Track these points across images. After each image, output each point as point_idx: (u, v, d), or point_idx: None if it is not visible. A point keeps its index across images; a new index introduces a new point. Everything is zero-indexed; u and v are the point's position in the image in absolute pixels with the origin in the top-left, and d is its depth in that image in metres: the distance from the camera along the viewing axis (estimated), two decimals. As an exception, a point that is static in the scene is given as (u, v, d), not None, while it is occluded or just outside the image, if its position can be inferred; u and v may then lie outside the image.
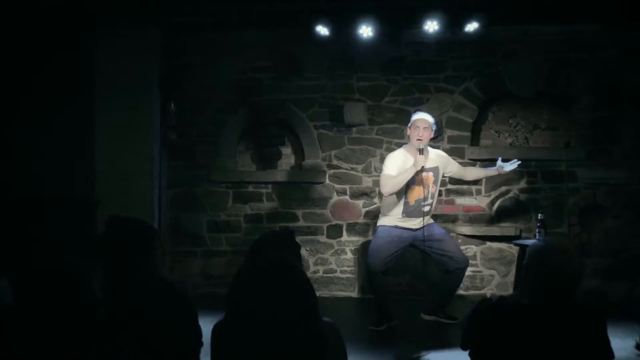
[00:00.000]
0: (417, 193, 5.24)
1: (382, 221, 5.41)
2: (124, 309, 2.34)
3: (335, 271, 6.71)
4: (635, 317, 4.72)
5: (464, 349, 2.45)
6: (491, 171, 5.59)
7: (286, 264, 2.00)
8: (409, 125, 5.32)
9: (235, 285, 1.97)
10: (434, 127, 5.35)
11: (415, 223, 5.29)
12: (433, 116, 5.42)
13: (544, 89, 6.54)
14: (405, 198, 5.26)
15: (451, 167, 5.53)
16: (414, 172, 5.13)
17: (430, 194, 5.31)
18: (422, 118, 5.28)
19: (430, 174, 5.32)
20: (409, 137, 5.35)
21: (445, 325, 5.38)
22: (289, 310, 1.89)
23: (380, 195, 6.70)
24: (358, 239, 6.72)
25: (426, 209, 5.28)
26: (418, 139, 5.19)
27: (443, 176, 5.51)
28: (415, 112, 5.53)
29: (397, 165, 5.23)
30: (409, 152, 5.29)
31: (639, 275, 6.04)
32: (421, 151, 5.13)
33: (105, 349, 1.97)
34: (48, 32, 5.95)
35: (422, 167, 5.13)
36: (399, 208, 5.28)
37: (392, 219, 5.32)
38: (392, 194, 5.22)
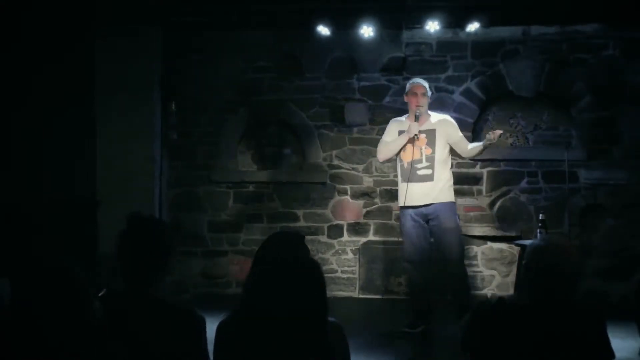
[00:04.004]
0: (408, 154, 5.13)
1: (399, 200, 5.25)
2: (124, 313, 2.33)
3: (336, 271, 6.71)
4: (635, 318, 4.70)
5: (464, 350, 2.45)
6: (485, 141, 5.22)
7: (309, 261, 2.02)
8: (406, 92, 5.29)
9: (256, 280, 1.98)
10: (429, 93, 5.30)
11: (415, 191, 5.07)
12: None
13: (544, 89, 6.54)
14: (400, 161, 5.21)
15: (453, 137, 5.23)
16: (407, 139, 5.08)
17: (424, 157, 5.11)
18: (420, 84, 5.22)
19: (423, 135, 5.12)
20: (407, 103, 5.29)
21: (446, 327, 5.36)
22: (303, 307, 1.90)
23: (381, 194, 6.73)
24: (359, 239, 6.72)
25: (422, 172, 5.09)
26: (418, 105, 5.14)
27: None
28: (410, 79, 5.47)
29: (395, 132, 5.23)
30: (409, 119, 5.26)
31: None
32: (416, 118, 5.12)
33: (101, 350, 1.97)
34: (48, 32, 5.95)
35: (415, 134, 5.05)
36: (398, 173, 5.25)
37: (399, 194, 5.20)
38: (385, 160, 5.36)
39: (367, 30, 6.22)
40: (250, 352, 1.95)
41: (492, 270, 6.60)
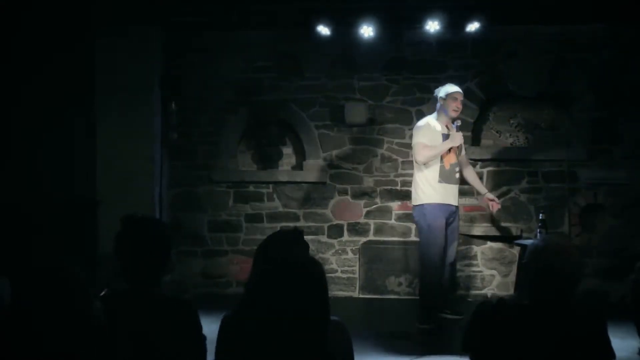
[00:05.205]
0: (451, 157, 5.32)
1: (421, 198, 5.30)
2: (125, 312, 2.33)
3: (337, 271, 6.70)
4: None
5: (465, 351, 2.45)
6: (481, 188, 5.79)
7: (310, 262, 2.02)
8: (443, 95, 5.32)
9: (258, 281, 1.98)
10: None
11: (450, 191, 5.28)
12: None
13: (544, 89, 6.53)
14: (441, 162, 5.27)
15: (462, 149, 5.60)
16: (449, 147, 5.24)
17: (458, 160, 5.41)
18: (460, 91, 5.37)
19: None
20: (441, 105, 5.35)
21: (447, 326, 5.36)
22: (305, 308, 1.91)
23: (381, 194, 6.73)
24: (359, 239, 6.72)
25: (457, 175, 5.38)
26: (455, 110, 5.29)
27: None
28: (446, 83, 5.51)
29: (430, 134, 5.28)
30: (440, 121, 5.35)
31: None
32: (457, 127, 5.28)
33: (102, 350, 1.97)
34: (48, 32, 5.95)
35: (460, 144, 5.34)
36: (435, 174, 5.25)
37: (431, 192, 5.25)
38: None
39: (367, 30, 6.22)
40: (252, 351, 1.95)
41: (492, 270, 6.60)
